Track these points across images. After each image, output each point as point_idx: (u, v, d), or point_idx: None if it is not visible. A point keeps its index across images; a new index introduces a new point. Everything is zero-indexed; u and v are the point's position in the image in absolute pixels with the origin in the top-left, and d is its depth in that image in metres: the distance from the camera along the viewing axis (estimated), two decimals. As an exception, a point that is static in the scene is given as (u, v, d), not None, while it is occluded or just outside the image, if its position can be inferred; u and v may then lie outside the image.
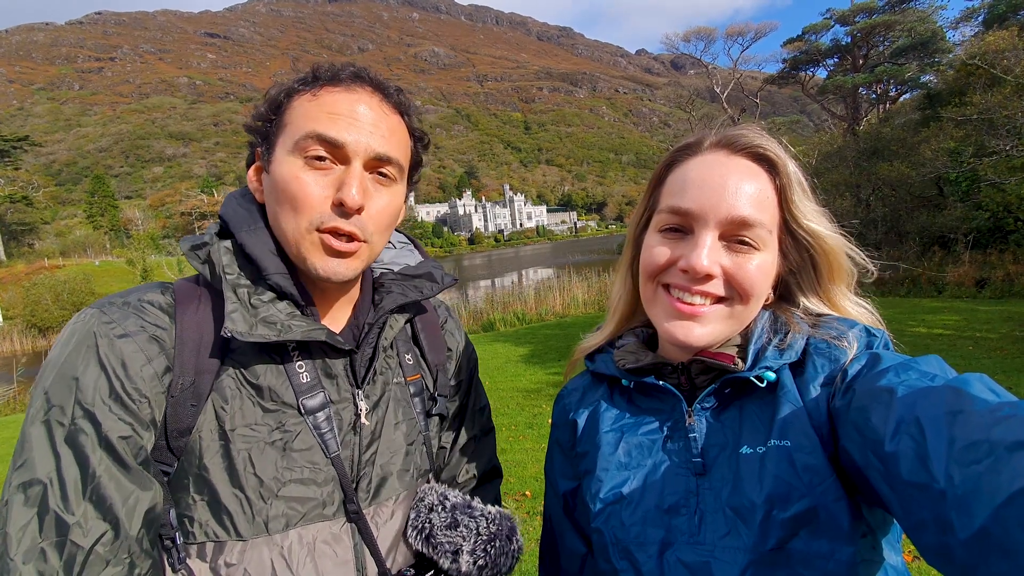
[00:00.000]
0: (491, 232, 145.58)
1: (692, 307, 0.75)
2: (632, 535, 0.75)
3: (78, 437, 0.65)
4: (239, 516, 0.73)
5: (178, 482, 0.73)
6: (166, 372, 0.72)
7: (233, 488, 0.73)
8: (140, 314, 0.73)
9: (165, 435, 0.72)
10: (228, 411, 0.75)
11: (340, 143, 0.76)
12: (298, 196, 0.76)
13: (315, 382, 0.80)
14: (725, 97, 32.69)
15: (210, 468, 0.73)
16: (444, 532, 0.84)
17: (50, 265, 45.55)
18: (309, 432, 0.79)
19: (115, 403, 0.68)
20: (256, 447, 0.75)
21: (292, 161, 0.77)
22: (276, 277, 0.78)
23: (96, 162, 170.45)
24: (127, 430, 0.68)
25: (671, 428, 0.79)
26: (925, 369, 0.60)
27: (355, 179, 0.76)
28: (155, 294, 0.77)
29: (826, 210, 0.81)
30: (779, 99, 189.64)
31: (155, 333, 0.73)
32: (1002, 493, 0.43)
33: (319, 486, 0.78)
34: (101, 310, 0.72)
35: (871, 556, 0.67)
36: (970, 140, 13.05)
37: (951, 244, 13.81)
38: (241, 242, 0.79)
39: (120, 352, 0.69)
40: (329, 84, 0.80)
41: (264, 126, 0.82)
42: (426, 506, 0.86)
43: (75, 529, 0.62)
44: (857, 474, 0.62)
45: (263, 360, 0.78)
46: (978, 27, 21.36)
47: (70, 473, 0.64)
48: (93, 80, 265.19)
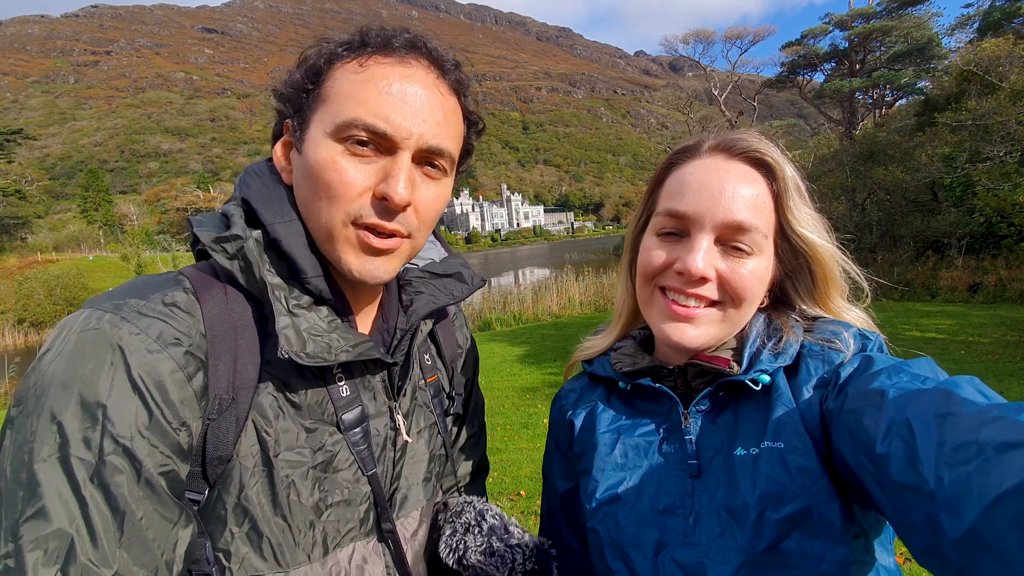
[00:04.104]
0: (488, 231, 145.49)
1: (687, 309, 0.75)
2: (628, 535, 0.75)
3: (111, 476, 0.54)
4: (281, 547, 0.66)
5: (211, 513, 0.65)
6: (204, 392, 0.62)
7: (275, 517, 0.66)
8: (169, 320, 0.62)
9: (202, 462, 0.63)
10: (272, 434, 0.67)
11: (389, 135, 0.67)
12: (334, 184, 0.66)
13: (355, 396, 0.74)
14: (723, 100, 32.80)
15: (252, 497, 0.65)
16: (479, 557, 0.79)
17: (43, 259, 45.27)
18: (347, 449, 0.72)
19: (155, 434, 0.58)
20: (299, 472, 0.68)
21: (331, 145, 0.67)
22: (316, 280, 0.70)
23: (91, 156, 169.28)
24: (168, 463, 0.59)
25: (667, 430, 0.79)
26: (916, 372, 0.61)
27: (403, 172, 0.67)
28: (177, 292, 0.65)
29: (823, 216, 0.81)
30: (776, 102, 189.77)
31: (190, 346, 0.62)
32: (990, 494, 0.43)
33: (357, 506, 0.73)
34: (121, 316, 0.59)
35: (863, 557, 0.67)
36: (965, 146, 13.14)
37: (945, 249, 13.90)
38: (275, 236, 0.69)
39: (156, 372, 0.58)
40: (380, 53, 0.69)
41: (299, 96, 0.70)
42: (463, 524, 0.81)
43: None
44: (849, 476, 0.62)
45: (304, 378, 0.70)
46: (973, 34, 21.52)
47: (102, 518, 0.53)
48: (88, 74, 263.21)
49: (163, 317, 0.61)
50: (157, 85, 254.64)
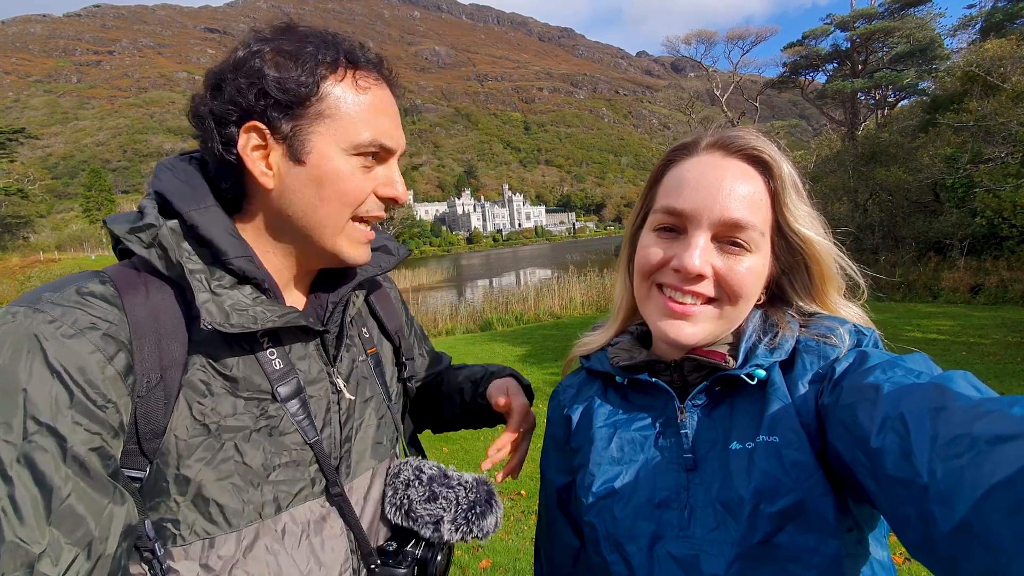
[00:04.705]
0: (490, 232, 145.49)
1: (683, 306, 0.76)
2: (623, 528, 0.76)
3: (35, 455, 0.56)
4: (230, 507, 0.69)
5: (154, 487, 0.67)
6: (128, 371, 0.65)
7: (220, 480, 0.69)
8: (85, 308, 0.64)
9: (136, 439, 0.66)
10: (206, 405, 0.70)
11: (392, 149, 0.82)
12: (352, 193, 0.78)
13: (287, 368, 0.78)
14: (725, 100, 32.79)
15: (192, 465, 0.68)
16: (423, 506, 0.85)
17: (45, 259, 45.35)
18: (289, 419, 0.77)
19: (79, 412, 0.59)
20: (241, 435, 0.72)
21: (347, 159, 0.77)
22: (239, 261, 0.73)
23: (93, 156, 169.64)
24: (96, 440, 0.60)
25: (663, 424, 0.80)
26: (911, 367, 0.61)
27: (399, 176, 0.84)
28: (93, 284, 0.68)
29: (819, 214, 0.81)
30: (779, 103, 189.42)
31: (108, 329, 0.64)
32: (982, 486, 0.43)
33: (306, 467, 0.77)
34: (34, 307, 0.62)
35: (857, 551, 0.68)
36: (967, 147, 13.13)
37: (947, 250, 13.88)
38: (192, 223, 0.72)
39: (75, 355, 0.60)
40: (363, 69, 0.79)
41: (289, 105, 0.74)
42: (403, 482, 0.87)
43: (43, 559, 0.54)
44: (844, 470, 0.63)
45: (232, 350, 0.73)
46: (975, 35, 21.50)
47: (30, 496, 0.55)
48: (91, 73, 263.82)
49: (77, 305, 0.64)
50: (159, 85, 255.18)
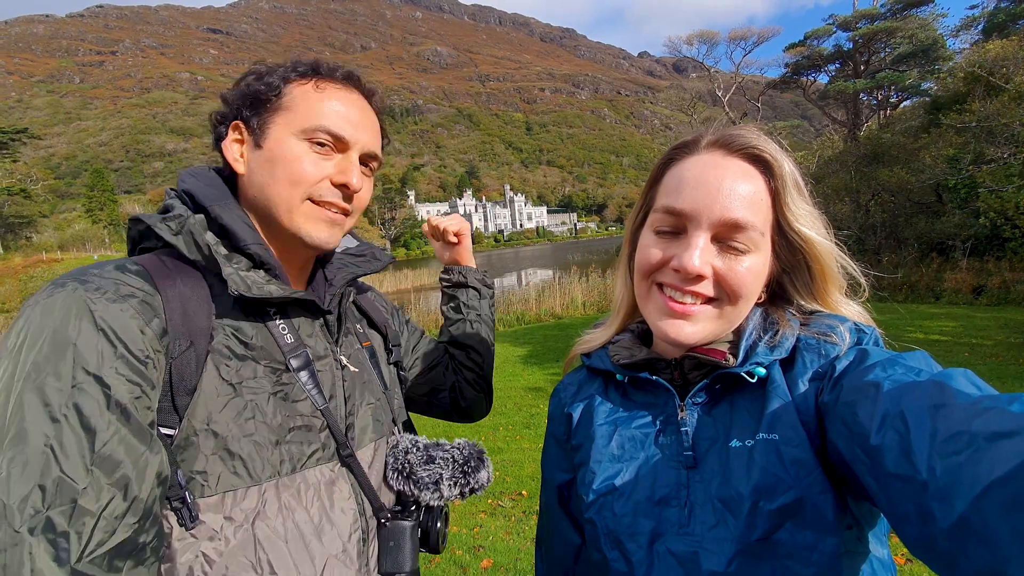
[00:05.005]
0: (491, 232, 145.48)
1: (683, 306, 0.76)
2: (623, 526, 0.76)
3: (82, 401, 0.63)
4: (252, 461, 0.75)
5: (184, 441, 0.73)
6: (163, 334, 0.73)
7: (244, 437, 0.76)
8: (124, 280, 0.73)
9: (171, 395, 0.73)
10: (231, 367, 0.77)
11: (345, 139, 0.87)
12: (299, 172, 0.84)
13: (298, 342, 0.86)
14: (727, 101, 32.76)
15: (220, 420, 0.75)
16: (423, 467, 0.93)
17: (48, 259, 45.45)
18: (301, 387, 0.84)
19: (122, 364, 0.67)
20: (262, 397, 0.79)
21: (296, 143, 0.85)
22: (255, 247, 0.83)
23: (96, 156, 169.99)
24: (136, 391, 0.67)
25: (663, 422, 0.80)
26: (911, 364, 0.61)
27: (355, 167, 0.88)
28: (128, 264, 0.77)
29: (821, 213, 0.81)
30: (781, 103, 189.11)
31: (144, 297, 0.73)
32: (981, 482, 0.44)
33: (317, 432, 0.84)
34: (81, 280, 0.70)
35: (856, 548, 0.68)
36: (969, 147, 13.10)
37: (949, 251, 13.85)
38: (216, 215, 0.83)
39: (117, 316, 0.68)
40: (329, 79, 0.89)
41: (258, 103, 0.87)
42: (401, 450, 0.95)
43: (85, 495, 0.60)
44: (844, 467, 0.63)
45: (250, 324, 0.82)
46: (978, 35, 21.45)
47: (75, 437, 0.61)
48: (94, 74, 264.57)
49: (118, 279, 0.73)
50: (162, 85, 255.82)
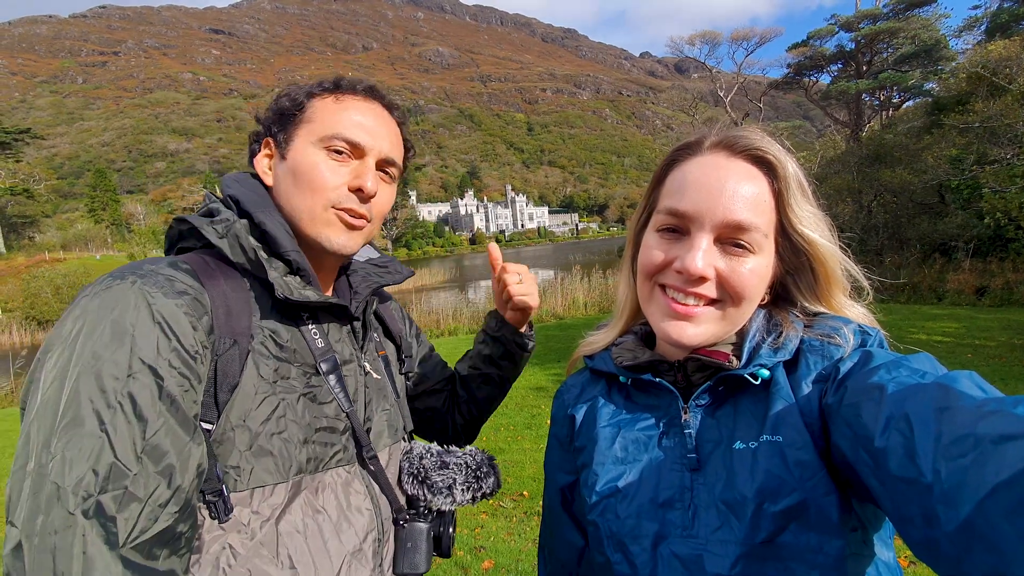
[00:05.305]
0: (492, 232, 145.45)
1: (686, 308, 0.76)
2: (627, 528, 0.76)
3: (136, 390, 0.66)
4: (282, 458, 0.79)
5: (221, 436, 0.76)
6: (210, 331, 0.76)
7: (276, 434, 0.79)
8: (178, 278, 0.76)
9: (214, 390, 0.76)
10: (269, 367, 0.81)
11: (361, 145, 0.91)
12: (318, 180, 0.88)
13: (327, 347, 0.90)
14: (728, 101, 32.73)
15: (255, 417, 0.78)
16: (437, 472, 0.98)
17: (50, 258, 45.54)
18: (328, 391, 0.88)
19: (175, 357, 0.70)
20: (293, 397, 0.83)
21: (315, 152, 0.89)
22: (293, 254, 0.87)
23: (98, 156, 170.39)
24: (186, 384, 0.71)
25: (667, 424, 0.80)
26: (915, 367, 0.61)
27: (371, 172, 0.91)
28: (179, 262, 0.80)
29: (825, 215, 0.81)
30: (782, 104, 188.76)
31: (195, 295, 0.76)
32: (986, 485, 0.43)
33: (340, 434, 0.88)
34: (139, 274, 0.73)
35: (861, 551, 0.68)
36: (972, 148, 13.07)
37: (952, 251, 13.82)
38: (259, 221, 0.86)
39: (172, 312, 0.72)
40: (350, 92, 0.95)
41: (285, 118, 0.92)
42: (416, 456, 1.00)
43: (135, 481, 0.63)
44: (848, 469, 0.63)
45: (287, 327, 0.86)
46: (981, 36, 21.40)
47: (128, 425, 0.64)
48: (96, 74, 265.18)
49: (171, 276, 0.76)
50: (164, 86, 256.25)
